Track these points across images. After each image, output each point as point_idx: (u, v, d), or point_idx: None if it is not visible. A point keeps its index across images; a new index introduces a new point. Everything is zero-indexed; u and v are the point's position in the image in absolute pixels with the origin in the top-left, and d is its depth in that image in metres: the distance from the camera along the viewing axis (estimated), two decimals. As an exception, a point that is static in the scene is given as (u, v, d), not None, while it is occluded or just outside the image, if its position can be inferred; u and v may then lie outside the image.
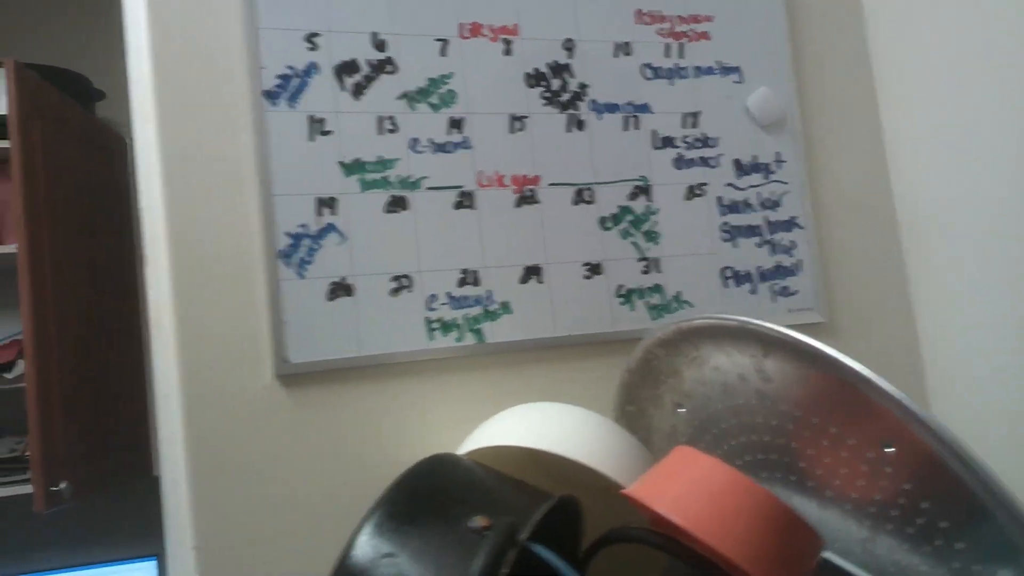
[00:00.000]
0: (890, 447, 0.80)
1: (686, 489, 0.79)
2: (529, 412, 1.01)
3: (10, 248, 1.98)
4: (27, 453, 2.02)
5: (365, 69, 1.10)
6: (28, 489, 1.93)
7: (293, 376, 1.04)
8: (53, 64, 2.18)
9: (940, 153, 1.27)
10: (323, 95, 1.08)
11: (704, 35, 1.27)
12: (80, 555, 2.13)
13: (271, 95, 1.06)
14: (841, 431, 0.85)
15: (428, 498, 0.81)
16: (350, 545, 0.75)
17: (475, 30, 1.16)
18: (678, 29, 1.25)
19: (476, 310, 1.12)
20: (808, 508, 0.90)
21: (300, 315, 1.04)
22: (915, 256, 1.34)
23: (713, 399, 0.98)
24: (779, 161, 1.28)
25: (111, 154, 2.30)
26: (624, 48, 1.23)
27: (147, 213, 1.07)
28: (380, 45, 1.11)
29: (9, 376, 2.05)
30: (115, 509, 2.25)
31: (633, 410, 1.08)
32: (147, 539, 2.10)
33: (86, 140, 2.17)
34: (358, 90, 1.10)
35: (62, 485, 1.78)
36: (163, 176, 1.03)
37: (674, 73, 1.25)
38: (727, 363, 0.94)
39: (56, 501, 1.77)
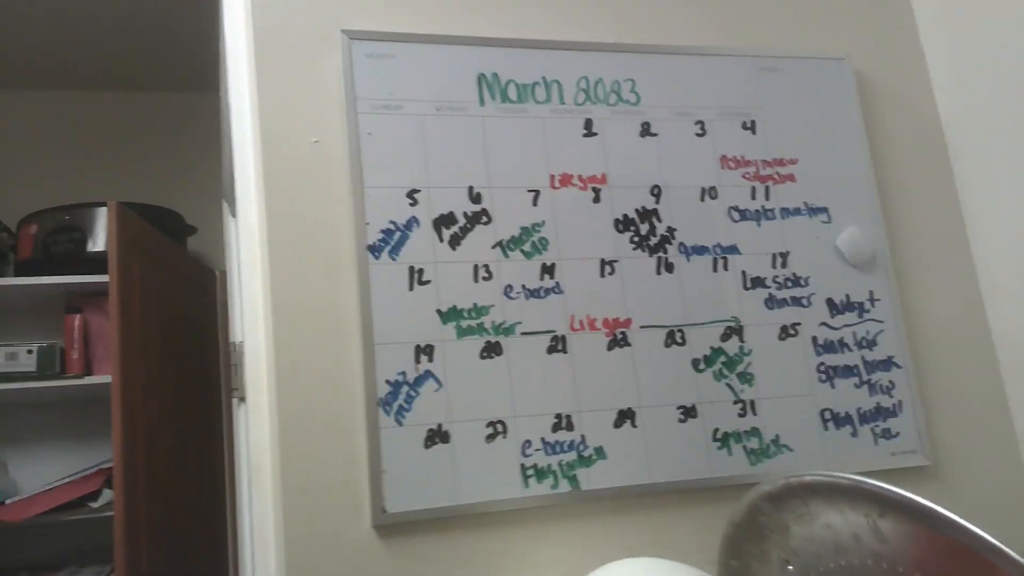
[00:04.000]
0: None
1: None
2: (627, 571, 0.98)
3: (104, 379, 2.05)
4: (108, 584, 2.03)
5: (462, 221, 1.14)
6: (107, 621, 1.94)
7: (390, 526, 1.03)
8: (149, 202, 2.32)
9: (1039, 288, 1.24)
10: (422, 246, 1.12)
11: (790, 177, 1.29)
12: None
13: (374, 248, 1.10)
14: (961, 593, 0.80)
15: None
16: None
17: (565, 180, 1.20)
18: (763, 172, 1.28)
19: (570, 456, 1.11)
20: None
21: (398, 463, 1.05)
22: (1017, 393, 1.29)
23: (824, 558, 0.93)
24: (873, 299, 1.27)
25: (201, 287, 2.40)
26: (710, 192, 1.25)
27: (250, 358, 1.10)
28: (476, 198, 1.15)
29: (95, 505, 2.08)
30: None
31: (737, 565, 1.03)
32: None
33: (179, 274, 2.27)
34: (455, 240, 1.13)
35: (141, 618, 1.77)
36: (270, 324, 1.07)
37: (761, 215, 1.26)
38: (840, 521, 0.90)
39: (135, 635, 1.76)
